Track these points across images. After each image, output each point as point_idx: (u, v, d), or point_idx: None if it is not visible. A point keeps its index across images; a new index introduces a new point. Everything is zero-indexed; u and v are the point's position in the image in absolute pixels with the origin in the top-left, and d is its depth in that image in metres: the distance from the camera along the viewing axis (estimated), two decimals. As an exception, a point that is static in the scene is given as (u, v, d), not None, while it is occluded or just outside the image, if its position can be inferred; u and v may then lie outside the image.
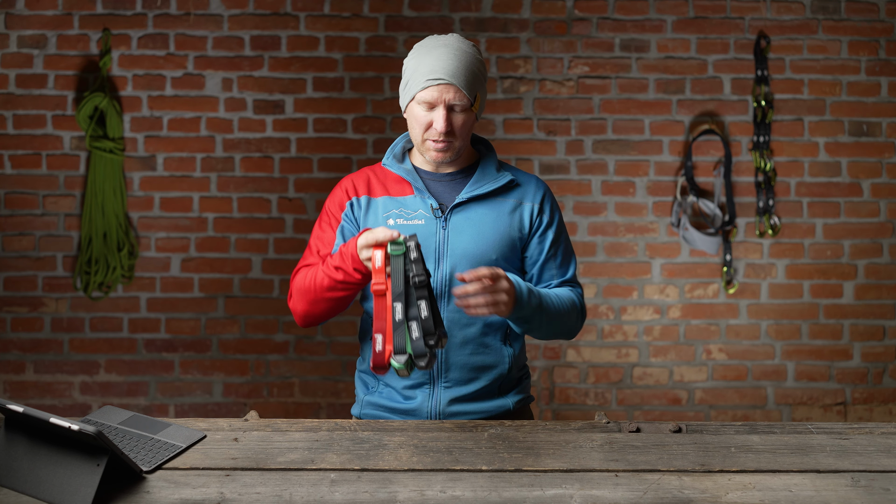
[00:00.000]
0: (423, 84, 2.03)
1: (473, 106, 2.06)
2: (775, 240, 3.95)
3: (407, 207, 2.11)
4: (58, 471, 1.66)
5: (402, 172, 2.14)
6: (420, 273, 1.80)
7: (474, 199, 2.13)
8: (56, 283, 3.94)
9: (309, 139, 3.93)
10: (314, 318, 2.12)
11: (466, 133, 2.09)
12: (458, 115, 2.05)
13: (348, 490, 1.71)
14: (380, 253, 1.83)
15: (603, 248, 3.96)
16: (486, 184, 2.14)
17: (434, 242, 2.09)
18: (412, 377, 2.12)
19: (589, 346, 3.97)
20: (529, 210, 2.16)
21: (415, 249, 1.82)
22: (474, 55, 2.07)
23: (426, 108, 2.05)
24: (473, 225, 2.11)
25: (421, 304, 1.80)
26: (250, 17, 3.92)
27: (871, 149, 3.94)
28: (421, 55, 2.06)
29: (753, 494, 1.69)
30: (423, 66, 2.04)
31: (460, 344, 2.11)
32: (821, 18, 3.91)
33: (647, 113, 3.94)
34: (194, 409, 3.96)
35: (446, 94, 2.02)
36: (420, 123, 2.07)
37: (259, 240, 3.96)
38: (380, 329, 1.82)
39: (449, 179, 2.16)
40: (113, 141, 3.86)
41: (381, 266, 1.82)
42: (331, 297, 2.04)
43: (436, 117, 2.04)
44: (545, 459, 1.84)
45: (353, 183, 2.17)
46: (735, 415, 3.97)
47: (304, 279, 2.09)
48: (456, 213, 2.11)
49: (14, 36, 3.89)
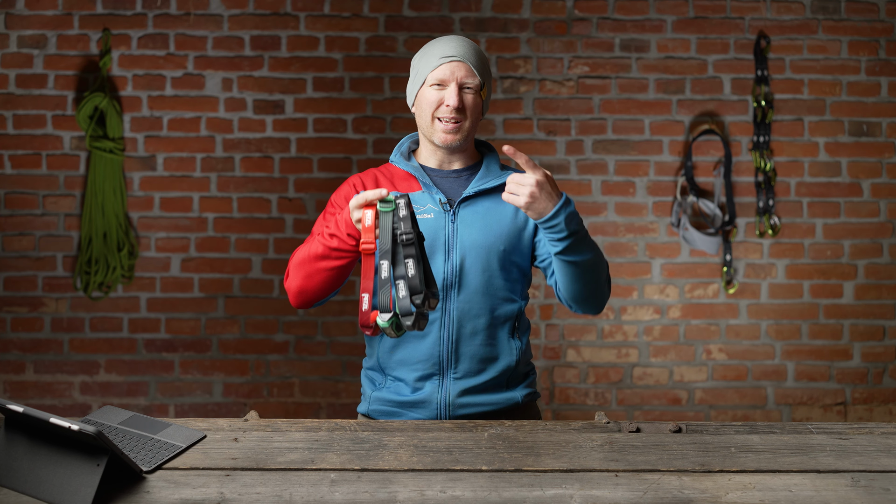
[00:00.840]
0: (436, 63, 2.11)
1: (482, 91, 2.13)
2: (775, 240, 3.95)
3: (415, 202, 2.13)
4: (58, 471, 1.66)
5: (410, 169, 2.18)
6: (408, 231, 1.78)
7: (481, 194, 2.17)
8: (56, 283, 3.94)
9: (309, 139, 3.93)
10: (309, 295, 2.09)
11: (475, 117, 2.14)
12: (468, 94, 2.12)
13: (348, 490, 1.71)
14: (370, 212, 1.81)
15: (603, 248, 3.95)
16: (491, 179, 2.18)
17: (444, 235, 2.12)
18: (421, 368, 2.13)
19: (589, 346, 3.97)
20: None
21: (404, 207, 1.79)
22: (481, 50, 2.18)
23: (437, 87, 2.11)
24: (481, 217, 2.15)
25: (409, 262, 1.77)
26: (250, 17, 3.92)
27: (871, 149, 3.94)
28: (431, 45, 2.16)
29: (753, 494, 1.69)
30: (435, 49, 2.13)
31: (470, 335, 2.13)
32: (821, 18, 3.91)
33: (647, 113, 3.94)
34: (194, 409, 3.96)
35: (458, 72, 2.10)
36: (430, 103, 2.12)
37: (259, 240, 3.96)
38: (366, 288, 1.80)
39: (455, 176, 2.20)
40: (113, 141, 3.86)
41: (370, 224, 1.80)
42: (325, 266, 2.03)
43: (447, 94, 2.10)
44: (545, 459, 1.84)
45: (361, 180, 2.21)
46: (735, 415, 3.97)
47: (301, 252, 2.09)
48: (464, 207, 2.15)
49: (14, 36, 3.89)
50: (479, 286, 2.13)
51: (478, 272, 2.12)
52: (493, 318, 2.15)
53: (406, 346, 2.15)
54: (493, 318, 2.15)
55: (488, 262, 2.13)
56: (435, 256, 2.11)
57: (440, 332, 2.13)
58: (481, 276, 2.13)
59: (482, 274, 2.13)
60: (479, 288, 2.13)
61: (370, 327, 1.82)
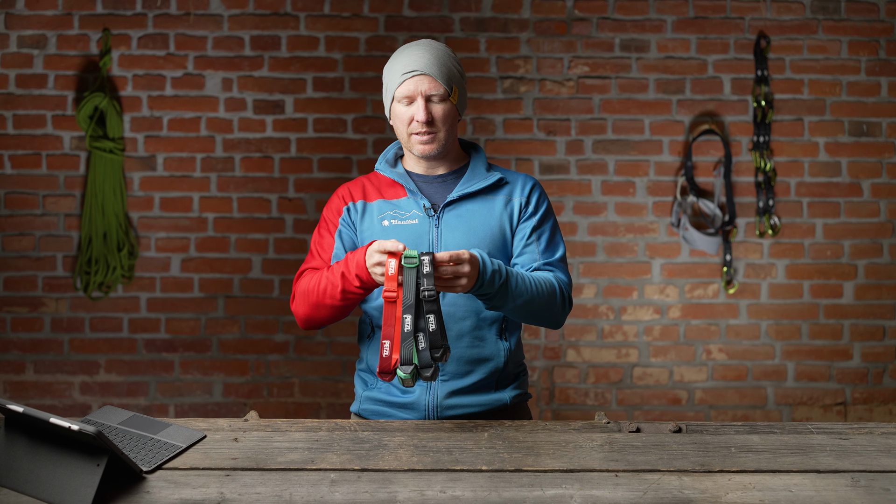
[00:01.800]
0: (399, 80, 2.11)
1: (451, 97, 2.13)
2: (775, 240, 3.95)
3: (401, 209, 2.17)
4: (58, 471, 1.66)
5: (395, 176, 2.21)
6: (430, 287, 1.86)
7: (465, 197, 2.18)
8: (56, 283, 3.94)
9: (309, 139, 3.94)
10: (316, 323, 2.16)
11: (449, 124, 2.15)
12: (436, 105, 2.12)
13: (348, 490, 1.71)
14: (394, 262, 1.88)
15: (603, 248, 3.96)
16: (475, 182, 2.19)
17: (428, 240, 2.14)
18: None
19: (589, 346, 3.97)
20: (518, 204, 2.21)
21: (428, 265, 1.87)
22: (446, 51, 2.16)
23: (406, 103, 2.13)
24: (465, 222, 2.16)
25: (430, 317, 1.87)
26: (250, 17, 3.92)
27: (871, 149, 3.94)
28: (394, 59, 2.16)
29: (753, 494, 1.69)
30: (397, 64, 2.13)
31: (456, 337, 2.13)
32: (821, 18, 3.91)
33: (647, 113, 3.94)
34: (194, 409, 3.96)
35: (422, 86, 2.10)
36: (403, 120, 2.14)
37: (259, 240, 3.96)
38: (388, 336, 1.87)
39: (440, 181, 2.21)
40: (113, 141, 3.86)
41: (394, 273, 1.88)
42: (332, 304, 2.07)
43: (416, 110, 2.11)
44: (545, 459, 1.84)
45: (349, 190, 2.24)
46: (735, 415, 3.97)
47: (308, 283, 2.12)
48: (448, 212, 2.17)
49: (14, 36, 3.89)
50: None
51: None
52: (479, 321, 2.15)
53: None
54: (479, 321, 2.15)
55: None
56: None
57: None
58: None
59: None
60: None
61: (390, 374, 1.88)
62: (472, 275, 1.94)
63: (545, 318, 2.14)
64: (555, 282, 2.14)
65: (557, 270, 2.20)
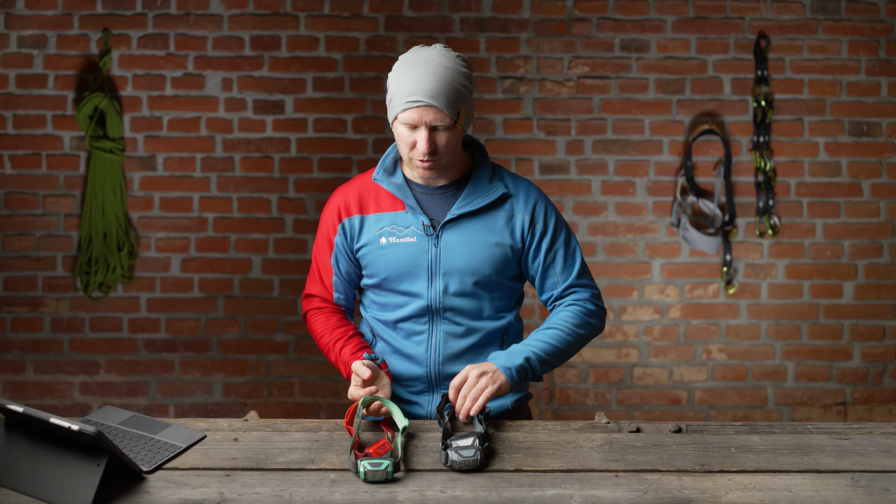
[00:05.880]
0: (403, 106, 1.99)
1: (458, 122, 2.02)
2: (775, 240, 3.95)
3: (398, 224, 2.10)
4: (58, 471, 1.66)
5: (393, 188, 2.12)
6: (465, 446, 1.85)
7: (466, 215, 2.11)
8: (56, 283, 3.94)
9: (309, 139, 3.94)
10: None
11: (452, 150, 2.05)
12: (441, 133, 2.01)
13: (348, 490, 1.71)
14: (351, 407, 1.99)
15: (603, 248, 3.96)
16: (477, 198, 2.11)
17: (426, 260, 2.09)
18: (412, 386, 2.17)
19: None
20: (521, 223, 2.13)
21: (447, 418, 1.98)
22: (457, 69, 2.01)
23: (409, 128, 2.01)
24: (465, 241, 2.10)
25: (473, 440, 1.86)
26: (250, 17, 3.92)
27: (871, 149, 3.94)
28: (401, 74, 2.01)
29: (753, 494, 1.69)
30: (403, 86, 1.99)
31: (456, 355, 2.13)
32: (821, 18, 3.91)
33: (647, 113, 3.94)
34: (194, 410, 3.96)
35: (427, 116, 1.98)
36: (405, 143, 2.04)
37: (259, 240, 3.96)
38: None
39: (441, 193, 2.13)
40: (113, 141, 3.86)
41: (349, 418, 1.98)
42: (333, 363, 2.19)
43: (418, 138, 2.00)
44: (545, 459, 1.84)
45: (346, 201, 2.15)
46: (735, 415, 3.97)
47: (316, 331, 2.21)
48: (447, 230, 2.10)
49: (14, 36, 3.89)
50: (463, 308, 2.12)
51: (462, 296, 2.11)
52: (481, 338, 2.14)
53: (395, 367, 2.16)
54: (481, 338, 2.14)
55: (473, 286, 2.10)
56: (418, 280, 2.09)
57: (427, 354, 2.13)
58: (466, 300, 2.11)
59: (467, 297, 2.11)
60: (465, 310, 2.12)
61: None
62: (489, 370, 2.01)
63: (587, 343, 2.21)
64: (583, 312, 2.15)
65: (581, 289, 2.18)
